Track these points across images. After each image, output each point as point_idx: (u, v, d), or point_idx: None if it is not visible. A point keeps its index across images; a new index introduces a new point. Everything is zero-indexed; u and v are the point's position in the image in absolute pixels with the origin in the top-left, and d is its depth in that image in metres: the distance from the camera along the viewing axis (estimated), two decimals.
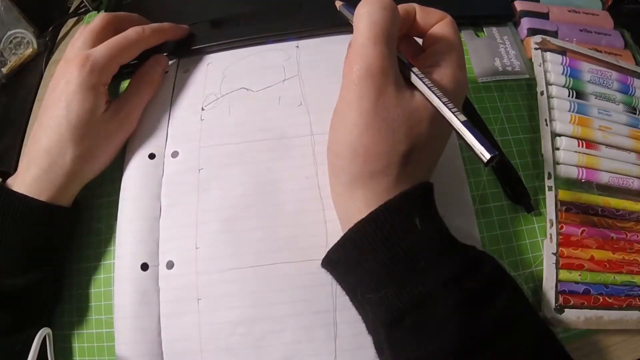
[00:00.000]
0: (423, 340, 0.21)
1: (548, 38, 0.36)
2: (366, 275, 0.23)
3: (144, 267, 0.30)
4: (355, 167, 0.24)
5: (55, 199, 0.29)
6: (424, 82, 0.23)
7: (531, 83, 0.35)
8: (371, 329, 0.25)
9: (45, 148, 0.29)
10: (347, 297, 0.28)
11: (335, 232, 0.29)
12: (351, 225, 0.24)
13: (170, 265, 0.30)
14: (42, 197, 0.29)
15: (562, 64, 0.35)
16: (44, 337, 0.25)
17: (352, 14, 0.25)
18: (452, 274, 0.22)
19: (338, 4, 0.30)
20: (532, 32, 0.37)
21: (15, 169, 0.31)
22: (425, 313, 0.22)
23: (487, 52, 0.36)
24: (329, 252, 0.25)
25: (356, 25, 0.24)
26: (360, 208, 0.24)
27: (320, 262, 0.28)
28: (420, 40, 0.28)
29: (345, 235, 0.24)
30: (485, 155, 0.20)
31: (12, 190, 0.29)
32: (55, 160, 0.29)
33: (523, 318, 0.22)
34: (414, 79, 0.24)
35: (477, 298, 0.22)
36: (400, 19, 0.25)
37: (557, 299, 0.29)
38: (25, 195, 0.29)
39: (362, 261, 0.23)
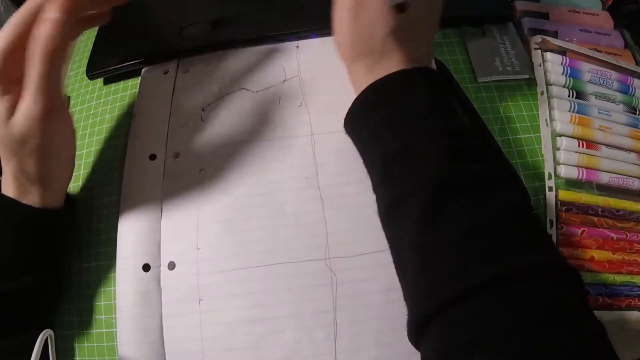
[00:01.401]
0: (408, 180, 0.24)
1: (548, 38, 0.36)
2: (368, 129, 0.27)
3: (146, 267, 0.30)
4: (351, 52, 0.29)
5: (41, 201, 0.28)
6: None
7: (531, 83, 0.35)
8: (372, 180, 0.27)
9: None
10: (347, 298, 0.28)
11: (335, 232, 0.29)
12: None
13: (171, 266, 0.30)
14: (26, 200, 0.28)
15: (562, 64, 0.35)
16: (46, 339, 0.25)
17: None
18: (443, 130, 0.25)
19: None
20: (532, 32, 0.37)
21: None
22: (412, 157, 0.24)
23: (487, 52, 0.36)
24: (346, 114, 0.29)
25: None
26: (363, 80, 0.28)
27: (320, 262, 0.29)
28: None
29: (356, 98, 0.28)
30: None
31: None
32: (12, 168, 0.28)
33: (502, 182, 0.24)
34: None
35: (461, 154, 0.24)
36: None
37: None
38: (11, 199, 0.28)
39: (368, 118, 0.27)
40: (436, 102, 0.26)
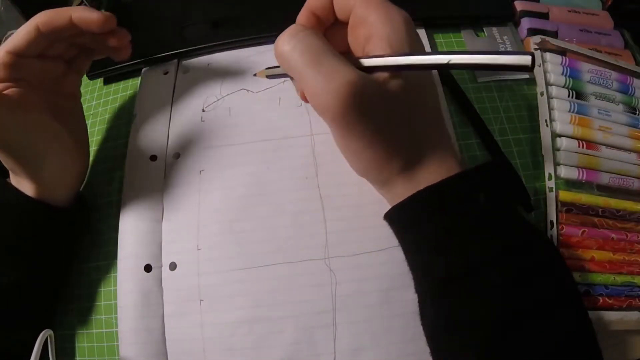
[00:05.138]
0: (467, 308, 0.23)
1: (547, 38, 0.36)
2: (422, 238, 0.25)
3: (148, 268, 0.30)
4: (382, 175, 0.26)
5: (34, 191, 0.28)
6: (392, 63, 0.22)
7: (531, 83, 0.35)
8: (418, 288, 0.26)
9: None
10: (346, 298, 0.28)
11: (335, 232, 0.29)
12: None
13: (173, 266, 0.30)
14: (22, 187, 0.28)
15: (561, 64, 0.35)
16: (46, 339, 0.25)
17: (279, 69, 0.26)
18: (503, 254, 0.23)
19: (262, 74, 0.29)
20: (532, 32, 0.37)
21: None
22: (472, 283, 0.23)
23: None
24: (392, 208, 0.26)
25: (289, 68, 0.24)
26: (406, 195, 0.25)
27: (319, 262, 0.29)
28: None
29: (410, 197, 0.24)
30: (527, 60, 0.19)
31: (5, 181, 0.29)
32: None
33: (564, 307, 0.23)
34: (377, 62, 0.23)
35: (522, 277, 0.23)
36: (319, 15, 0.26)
37: None
38: (4, 181, 0.29)
39: (421, 223, 0.24)
40: (496, 210, 0.24)
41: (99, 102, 0.38)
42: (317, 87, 0.22)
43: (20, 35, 0.27)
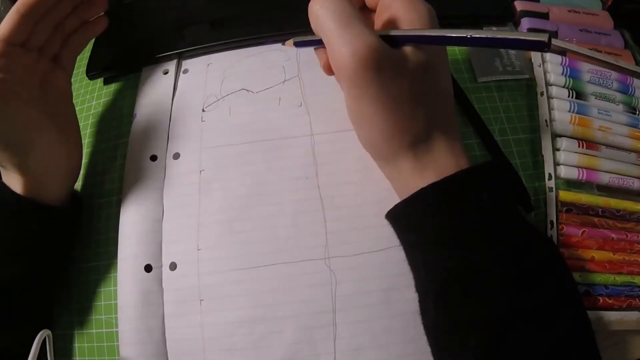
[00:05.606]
0: (468, 308, 0.23)
1: None
2: (422, 237, 0.25)
3: (148, 268, 0.30)
4: (391, 147, 0.25)
5: (23, 189, 0.29)
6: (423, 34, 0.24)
7: (531, 83, 0.35)
8: (419, 287, 0.26)
9: None
10: (346, 298, 0.28)
11: (335, 232, 0.29)
12: (406, 192, 0.25)
13: (173, 266, 0.30)
14: (13, 186, 0.29)
15: (561, 64, 0.35)
16: (44, 339, 0.25)
17: (310, 39, 0.27)
18: (504, 254, 0.23)
19: (290, 43, 0.30)
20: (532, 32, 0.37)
21: None
22: (472, 283, 0.23)
23: (487, 52, 0.36)
24: (393, 207, 0.26)
25: (317, 25, 0.25)
26: (412, 176, 0.25)
27: (319, 262, 0.29)
28: None
29: (413, 195, 0.25)
30: (543, 36, 0.21)
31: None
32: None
33: (564, 308, 0.24)
34: (402, 32, 0.24)
35: (522, 277, 0.23)
36: None
37: None
38: (5, 185, 0.29)
39: (424, 222, 0.25)
40: (497, 210, 0.24)
41: (99, 102, 0.38)
42: (340, 45, 0.23)
43: (4, 22, 0.28)
